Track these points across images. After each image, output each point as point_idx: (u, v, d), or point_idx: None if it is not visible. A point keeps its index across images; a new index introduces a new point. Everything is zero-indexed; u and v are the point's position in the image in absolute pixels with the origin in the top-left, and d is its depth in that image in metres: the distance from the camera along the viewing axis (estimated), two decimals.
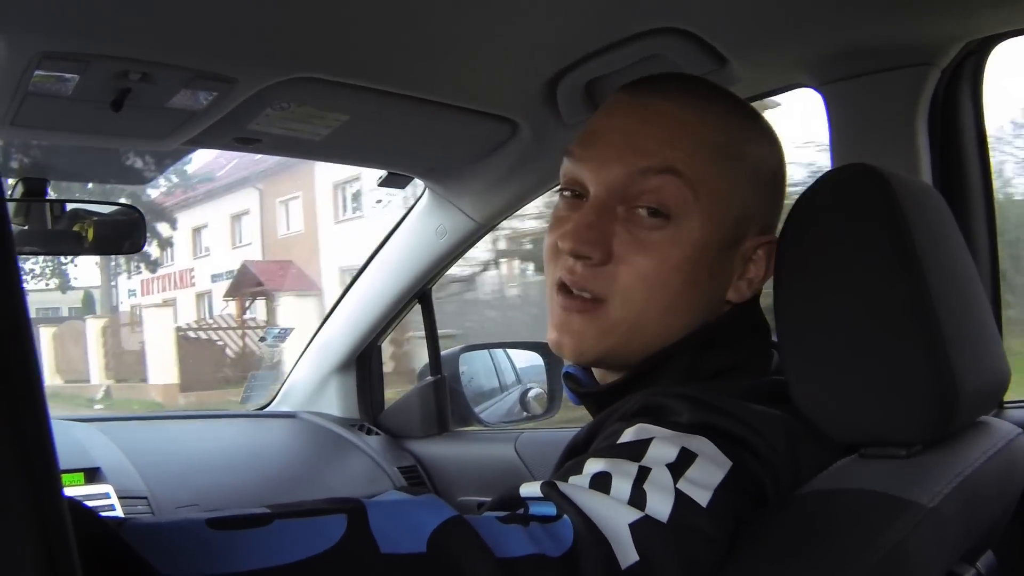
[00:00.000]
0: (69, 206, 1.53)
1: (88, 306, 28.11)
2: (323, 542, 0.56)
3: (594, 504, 0.65)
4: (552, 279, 0.89)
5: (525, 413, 2.25)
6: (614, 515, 0.64)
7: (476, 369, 2.31)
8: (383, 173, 1.75)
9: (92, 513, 0.51)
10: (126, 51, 1.06)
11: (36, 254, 1.68)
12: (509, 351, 2.44)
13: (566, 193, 0.90)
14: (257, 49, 1.11)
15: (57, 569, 0.33)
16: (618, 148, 0.85)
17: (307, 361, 2.22)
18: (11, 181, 1.49)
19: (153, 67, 1.09)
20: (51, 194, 1.50)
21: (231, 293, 20.87)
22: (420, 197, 1.88)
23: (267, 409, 2.30)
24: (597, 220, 0.84)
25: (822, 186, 0.82)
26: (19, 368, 0.34)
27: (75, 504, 0.47)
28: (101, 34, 1.02)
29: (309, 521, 0.58)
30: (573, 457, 0.74)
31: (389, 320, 2.07)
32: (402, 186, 1.79)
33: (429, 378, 2.11)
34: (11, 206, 1.46)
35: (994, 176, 1.30)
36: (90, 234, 1.54)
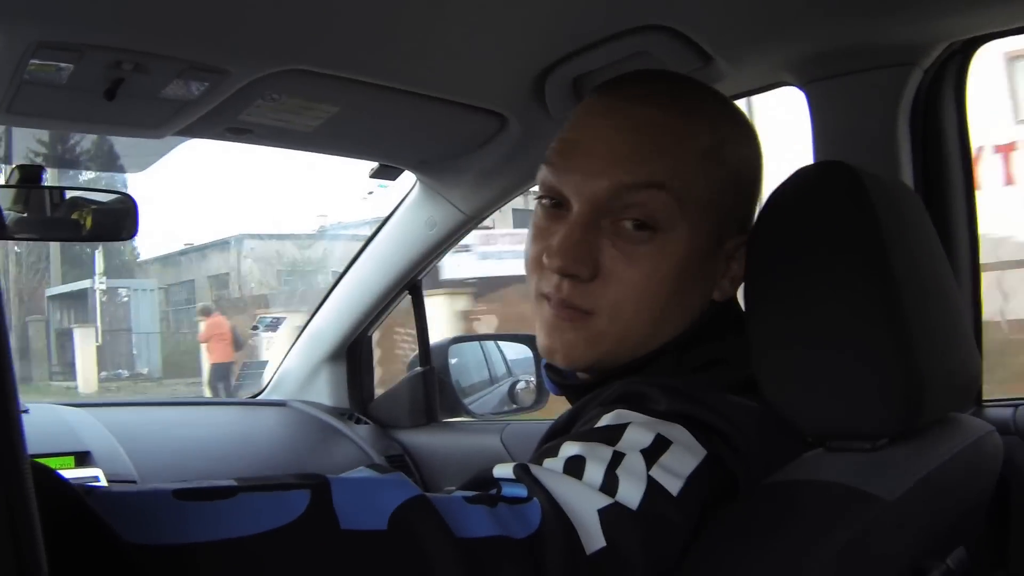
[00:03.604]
0: (68, 194, 1.55)
1: None
2: (285, 516, 0.57)
3: (564, 489, 0.66)
4: (536, 289, 0.89)
5: (515, 405, 2.27)
6: (584, 500, 0.65)
7: (467, 360, 2.33)
8: (375, 164, 1.77)
9: (58, 479, 0.51)
10: (120, 41, 1.07)
11: (33, 240, 1.70)
12: (500, 343, 2.46)
13: (545, 202, 0.89)
14: (249, 41, 1.13)
15: (17, 531, 0.34)
16: (601, 160, 0.84)
17: (298, 350, 2.23)
18: (7, 168, 1.50)
19: (147, 57, 1.11)
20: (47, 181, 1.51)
21: None
22: (411, 189, 1.89)
23: (258, 397, 2.31)
24: (583, 237, 0.83)
25: (794, 182, 0.83)
26: None
27: (41, 469, 0.48)
28: (96, 24, 1.03)
29: (273, 495, 0.59)
30: (552, 441, 0.75)
31: (380, 311, 2.08)
32: (393, 178, 1.80)
33: (418, 368, 2.12)
34: (11, 193, 1.48)
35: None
36: (88, 222, 1.55)
